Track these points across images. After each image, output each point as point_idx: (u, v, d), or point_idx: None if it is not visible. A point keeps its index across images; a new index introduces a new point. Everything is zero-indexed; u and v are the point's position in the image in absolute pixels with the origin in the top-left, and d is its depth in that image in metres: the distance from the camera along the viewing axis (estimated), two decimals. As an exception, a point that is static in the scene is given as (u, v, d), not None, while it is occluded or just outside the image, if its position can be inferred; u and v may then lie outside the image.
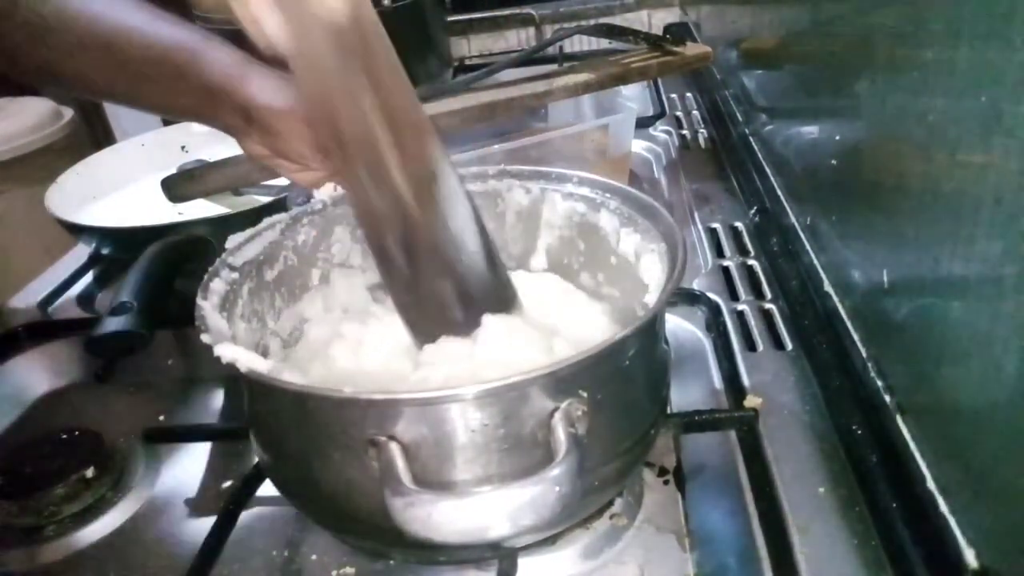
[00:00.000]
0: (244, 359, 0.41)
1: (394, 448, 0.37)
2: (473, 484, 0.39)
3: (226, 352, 0.42)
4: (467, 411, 0.37)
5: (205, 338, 0.42)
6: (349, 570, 0.49)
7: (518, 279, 0.59)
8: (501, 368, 0.48)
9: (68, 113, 1.78)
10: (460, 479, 0.39)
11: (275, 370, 0.44)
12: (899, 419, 0.46)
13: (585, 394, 0.39)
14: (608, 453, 0.42)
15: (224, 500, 0.51)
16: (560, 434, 0.37)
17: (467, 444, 0.38)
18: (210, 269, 0.49)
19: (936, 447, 0.42)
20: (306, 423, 0.42)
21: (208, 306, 0.46)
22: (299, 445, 0.43)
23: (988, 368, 0.36)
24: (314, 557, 0.50)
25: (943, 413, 0.42)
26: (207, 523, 0.49)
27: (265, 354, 0.53)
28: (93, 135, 1.84)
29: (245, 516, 0.50)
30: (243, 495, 0.51)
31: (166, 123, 1.05)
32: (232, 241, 0.52)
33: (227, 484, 0.58)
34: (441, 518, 0.33)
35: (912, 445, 0.44)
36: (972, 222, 0.36)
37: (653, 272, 0.49)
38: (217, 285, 0.48)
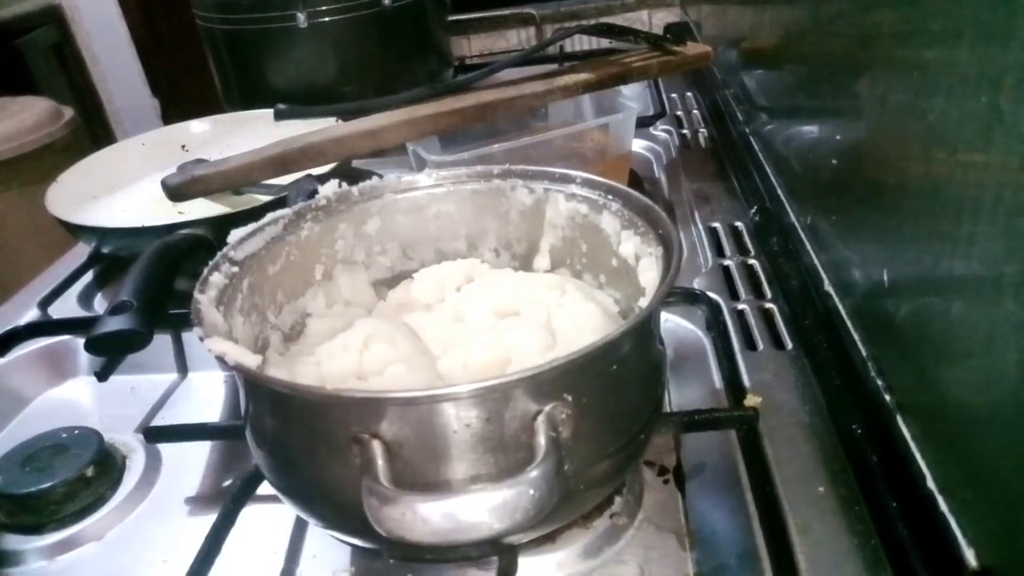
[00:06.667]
0: (232, 353, 0.41)
1: (376, 446, 0.37)
2: (455, 484, 0.39)
3: (215, 346, 0.41)
4: (449, 412, 0.37)
5: (198, 331, 0.42)
6: (349, 570, 0.49)
7: (522, 279, 0.59)
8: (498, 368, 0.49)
9: (68, 113, 1.78)
10: (442, 479, 0.39)
11: (265, 365, 0.43)
12: (899, 419, 0.46)
13: (570, 398, 0.38)
14: (596, 455, 0.42)
15: (224, 500, 0.51)
16: (540, 437, 0.37)
17: (449, 444, 0.38)
18: (211, 263, 0.49)
19: (936, 447, 0.42)
20: (293, 419, 0.42)
21: (205, 299, 0.46)
22: (288, 441, 0.43)
23: (988, 368, 0.36)
24: (314, 557, 0.50)
25: (943, 413, 0.42)
26: (207, 523, 0.49)
27: (265, 348, 0.53)
28: (93, 135, 1.84)
29: (245, 516, 0.50)
30: (243, 495, 0.51)
31: (166, 122, 1.05)
32: (234, 236, 0.52)
33: (227, 484, 0.58)
34: (414, 518, 0.33)
35: (912, 445, 0.44)
36: (972, 222, 0.36)
37: (649, 276, 0.49)
38: (216, 279, 0.48)
